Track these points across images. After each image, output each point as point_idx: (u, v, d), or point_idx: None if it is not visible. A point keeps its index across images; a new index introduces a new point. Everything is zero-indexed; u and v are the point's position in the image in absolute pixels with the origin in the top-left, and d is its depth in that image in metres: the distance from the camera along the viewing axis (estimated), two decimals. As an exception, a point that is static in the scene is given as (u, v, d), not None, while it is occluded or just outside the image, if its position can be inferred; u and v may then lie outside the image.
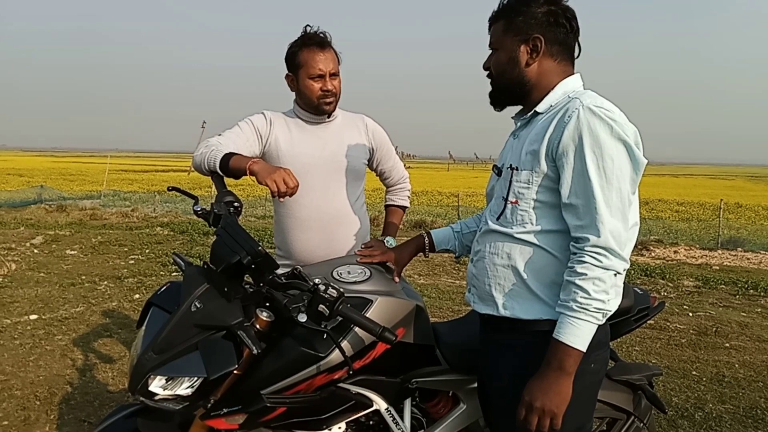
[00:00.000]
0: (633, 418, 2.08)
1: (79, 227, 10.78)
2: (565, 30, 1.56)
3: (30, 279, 6.38)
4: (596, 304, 1.40)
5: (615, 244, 1.40)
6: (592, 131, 1.41)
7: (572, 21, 1.56)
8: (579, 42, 1.61)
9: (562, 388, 1.43)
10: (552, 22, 1.54)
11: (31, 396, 3.45)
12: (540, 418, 1.44)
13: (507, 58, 1.59)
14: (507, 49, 1.58)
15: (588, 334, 1.42)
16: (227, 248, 1.54)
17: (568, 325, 1.42)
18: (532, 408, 1.44)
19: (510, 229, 1.56)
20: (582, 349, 1.41)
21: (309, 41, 2.21)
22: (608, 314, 1.45)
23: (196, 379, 1.51)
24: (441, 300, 5.99)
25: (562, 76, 1.57)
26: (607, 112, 1.43)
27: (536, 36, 1.54)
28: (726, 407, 3.59)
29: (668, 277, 7.53)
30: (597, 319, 1.42)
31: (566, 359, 1.42)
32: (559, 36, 1.56)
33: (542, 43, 1.54)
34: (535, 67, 1.57)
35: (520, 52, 1.56)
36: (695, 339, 4.95)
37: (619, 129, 1.41)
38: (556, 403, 1.43)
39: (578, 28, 1.58)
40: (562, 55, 1.58)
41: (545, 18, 1.54)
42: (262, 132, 2.25)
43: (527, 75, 1.58)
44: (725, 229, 12.65)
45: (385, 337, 1.49)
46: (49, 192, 18.06)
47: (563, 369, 1.42)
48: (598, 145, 1.41)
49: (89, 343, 4.38)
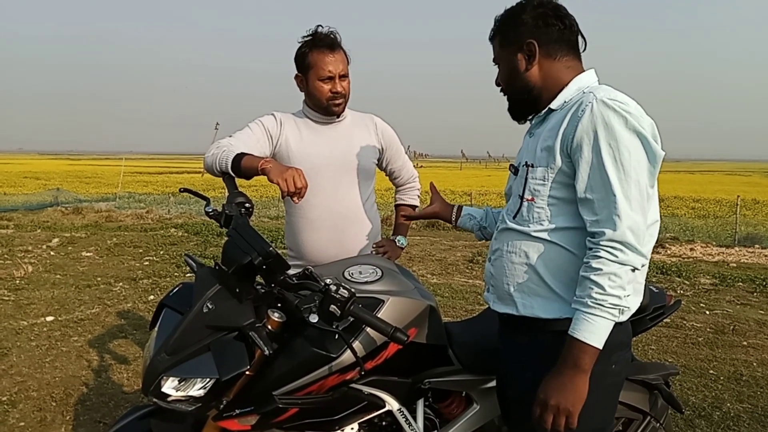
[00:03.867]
0: (649, 418, 2.05)
1: (95, 229, 10.87)
2: (558, 28, 1.56)
3: (46, 281, 6.45)
4: (612, 299, 1.38)
5: (633, 238, 1.38)
6: (606, 124, 1.39)
7: (564, 18, 1.57)
8: (583, 35, 1.61)
9: (578, 386, 1.41)
10: (542, 25, 1.56)
11: (48, 397, 3.49)
12: (555, 417, 1.42)
13: (508, 70, 1.63)
14: (507, 61, 1.63)
15: (604, 330, 1.39)
16: (238, 249, 1.54)
17: (584, 322, 1.39)
18: (548, 406, 1.43)
19: (527, 227, 1.55)
20: (598, 346, 1.39)
21: (319, 42, 2.21)
22: (625, 311, 1.42)
23: (208, 380, 1.52)
24: (454, 299, 5.97)
25: (570, 73, 1.57)
26: (622, 104, 1.41)
27: (529, 41, 1.56)
28: (744, 406, 3.53)
29: (684, 275, 7.44)
30: (613, 315, 1.39)
31: (582, 356, 1.40)
32: (553, 35, 1.56)
33: (536, 47, 1.56)
34: (535, 70, 1.58)
35: (518, 60, 1.59)
36: (712, 337, 4.88)
37: (634, 121, 1.40)
38: (572, 401, 1.41)
39: (573, 23, 1.58)
40: (563, 52, 1.57)
41: (534, 22, 1.56)
42: (272, 133, 2.26)
43: (530, 80, 1.59)
44: (742, 225, 12.50)
45: (396, 338, 1.48)
46: (65, 195, 18.28)
47: (579, 366, 1.40)
48: (613, 138, 1.39)
49: (104, 345, 4.42)
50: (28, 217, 13.01)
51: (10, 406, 3.35)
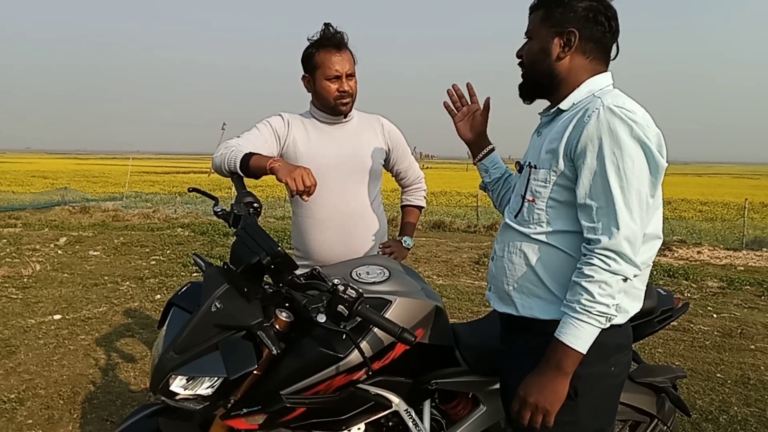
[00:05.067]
0: (656, 421, 2.05)
1: (102, 228, 10.92)
2: (602, 28, 1.52)
3: (54, 279, 6.48)
4: (600, 307, 1.39)
5: (629, 248, 1.38)
6: (612, 131, 1.39)
7: (612, 20, 1.53)
8: (618, 43, 1.57)
9: (558, 387, 1.43)
10: (590, 18, 1.51)
11: (55, 395, 3.51)
12: (533, 414, 1.45)
13: (539, 48, 1.57)
14: (541, 39, 1.57)
15: (589, 336, 1.41)
16: (247, 249, 1.55)
17: (570, 326, 1.41)
18: (527, 403, 1.46)
19: (527, 228, 1.56)
20: (582, 351, 1.41)
21: (326, 42, 2.21)
22: (613, 318, 1.43)
23: (216, 379, 1.52)
24: (460, 301, 5.97)
25: (591, 74, 1.54)
26: (629, 112, 1.40)
27: (571, 30, 1.51)
28: (751, 410, 3.52)
29: (692, 278, 7.41)
30: (600, 322, 1.40)
31: (564, 359, 1.41)
32: (596, 34, 1.52)
33: (576, 38, 1.51)
34: (566, 61, 1.54)
35: (553, 44, 1.54)
36: (719, 341, 4.86)
37: (640, 130, 1.39)
38: (550, 400, 1.43)
39: (617, 29, 1.55)
40: (596, 54, 1.54)
41: (584, 13, 1.51)
42: (280, 133, 2.26)
43: (557, 68, 1.55)
44: (750, 228, 12.43)
45: (404, 338, 1.48)
46: (73, 194, 18.36)
47: (561, 368, 1.42)
48: (618, 146, 1.39)
49: (112, 343, 4.44)
50: (35, 215, 13.08)
51: (18, 404, 3.37)
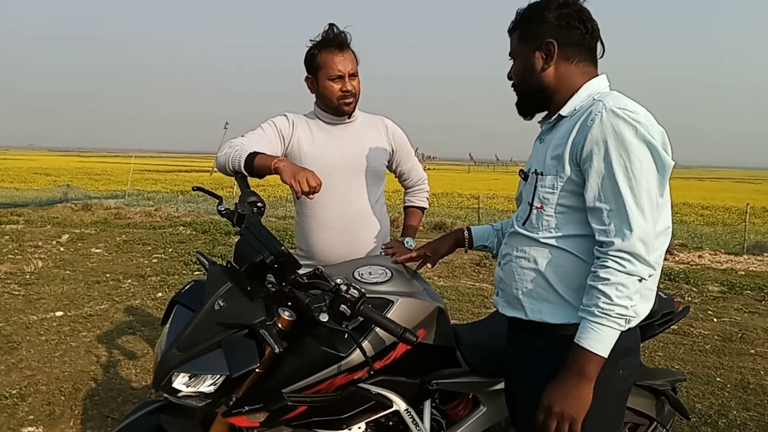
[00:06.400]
0: (656, 423, 2.05)
1: (104, 226, 10.93)
2: (580, 31, 1.54)
3: (56, 276, 6.50)
4: (618, 309, 1.38)
5: (643, 248, 1.38)
6: (617, 133, 1.39)
7: (587, 22, 1.55)
8: (602, 41, 1.59)
9: (582, 394, 1.42)
10: (564, 26, 1.53)
11: (56, 391, 3.52)
12: (559, 423, 1.43)
13: (524, 66, 1.61)
14: (523, 57, 1.60)
15: (610, 339, 1.40)
16: (251, 248, 1.56)
17: (590, 330, 1.40)
18: (552, 412, 1.44)
19: (536, 234, 1.56)
20: (603, 355, 1.40)
21: (328, 43, 2.23)
22: (632, 320, 1.43)
23: (218, 376, 1.53)
24: (461, 302, 5.97)
25: (584, 78, 1.56)
26: (631, 113, 1.40)
27: (549, 41, 1.54)
28: (751, 414, 3.52)
29: (692, 282, 7.40)
30: (619, 324, 1.40)
31: (587, 365, 1.40)
32: (574, 38, 1.54)
33: (555, 47, 1.54)
34: (551, 71, 1.56)
35: (535, 58, 1.57)
36: (719, 345, 4.86)
37: (644, 130, 1.39)
38: (576, 408, 1.42)
39: (595, 28, 1.56)
40: (580, 56, 1.56)
41: (557, 22, 1.53)
42: (284, 134, 2.27)
43: (545, 80, 1.57)
44: (751, 233, 12.41)
45: (406, 338, 1.49)
46: (75, 191, 18.36)
47: (584, 374, 1.41)
48: (624, 148, 1.39)
49: (113, 340, 4.45)
50: (38, 212, 13.09)
51: (20, 400, 3.39)
